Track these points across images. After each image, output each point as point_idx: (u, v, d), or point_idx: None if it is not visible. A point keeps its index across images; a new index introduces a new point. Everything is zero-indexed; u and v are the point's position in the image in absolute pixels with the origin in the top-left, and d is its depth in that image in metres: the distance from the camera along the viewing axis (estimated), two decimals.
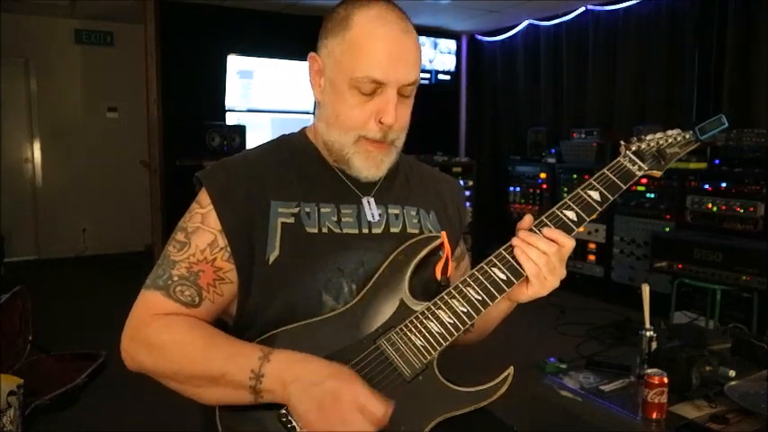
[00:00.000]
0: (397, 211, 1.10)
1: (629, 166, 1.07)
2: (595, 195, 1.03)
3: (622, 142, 1.10)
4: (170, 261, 0.99)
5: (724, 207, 3.68)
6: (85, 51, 6.02)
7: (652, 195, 4.21)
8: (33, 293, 3.16)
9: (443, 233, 1.07)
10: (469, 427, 0.99)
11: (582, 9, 5.20)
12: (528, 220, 1.02)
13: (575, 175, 4.83)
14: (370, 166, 1.04)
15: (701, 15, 4.35)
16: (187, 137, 4.90)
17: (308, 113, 5.68)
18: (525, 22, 5.79)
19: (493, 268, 1.00)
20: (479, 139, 6.51)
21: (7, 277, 4.57)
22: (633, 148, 1.09)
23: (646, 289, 1.86)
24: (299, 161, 1.10)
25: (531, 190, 5.25)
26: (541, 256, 0.97)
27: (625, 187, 1.05)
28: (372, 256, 1.03)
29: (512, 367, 0.98)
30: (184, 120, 5.02)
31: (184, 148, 4.88)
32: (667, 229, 4.05)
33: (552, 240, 0.98)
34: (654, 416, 1.53)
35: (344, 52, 0.99)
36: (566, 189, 4.89)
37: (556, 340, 3.72)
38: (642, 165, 1.07)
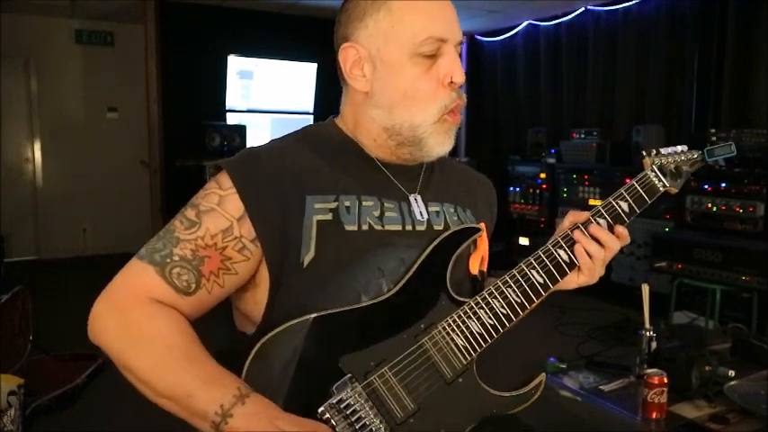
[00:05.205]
0: (437, 208, 1.05)
1: (655, 181, 1.07)
2: (624, 206, 1.04)
3: (644, 152, 1.10)
4: (174, 237, 0.90)
5: (724, 207, 3.68)
6: (85, 51, 6.01)
7: None
8: (33, 293, 3.15)
9: (483, 224, 1.05)
10: (488, 422, 0.97)
11: (582, 9, 5.19)
12: (584, 215, 1.04)
13: (574, 176, 4.82)
14: (445, 140, 0.98)
15: (701, 15, 4.34)
16: (187, 137, 4.91)
17: (308, 114, 5.68)
18: (525, 23, 5.78)
19: (531, 270, 1.00)
20: (479, 139, 6.50)
21: (7, 277, 4.56)
22: (657, 162, 1.09)
23: (645, 289, 1.86)
24: (335, 152, 1.01)
25: (531, 190, 5.24)
26: (600, 250, 1.00)
27: (650, 202, 1.06)
28: (413, 254, 0.97)
29: (543, 374, 0.99)
30: (184, 120, 5.02)
31: (184, 148, 4.89)
32: (667, 229, 4.04)
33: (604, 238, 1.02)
34: (654, 416, 1.53)
35: (396, 23, 0.93)
36: (566, 189, 4.89)
37: (556, 340, 3.71)
38: (665, 181, 1.08)
